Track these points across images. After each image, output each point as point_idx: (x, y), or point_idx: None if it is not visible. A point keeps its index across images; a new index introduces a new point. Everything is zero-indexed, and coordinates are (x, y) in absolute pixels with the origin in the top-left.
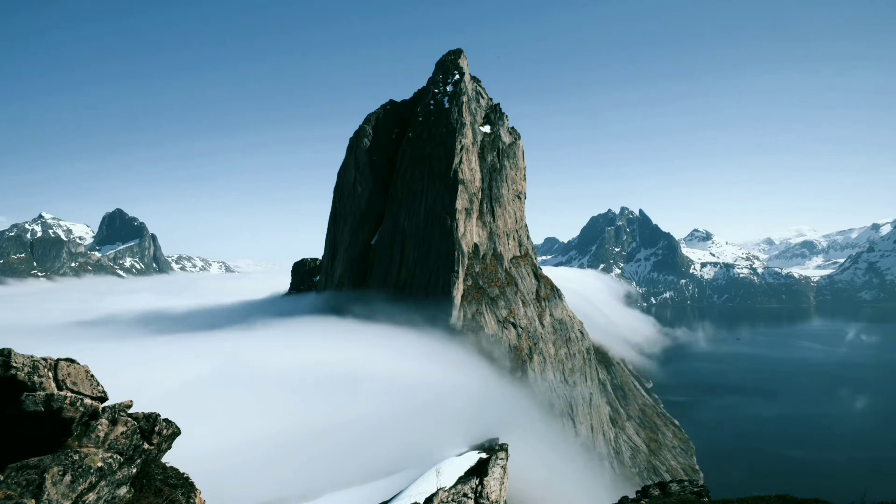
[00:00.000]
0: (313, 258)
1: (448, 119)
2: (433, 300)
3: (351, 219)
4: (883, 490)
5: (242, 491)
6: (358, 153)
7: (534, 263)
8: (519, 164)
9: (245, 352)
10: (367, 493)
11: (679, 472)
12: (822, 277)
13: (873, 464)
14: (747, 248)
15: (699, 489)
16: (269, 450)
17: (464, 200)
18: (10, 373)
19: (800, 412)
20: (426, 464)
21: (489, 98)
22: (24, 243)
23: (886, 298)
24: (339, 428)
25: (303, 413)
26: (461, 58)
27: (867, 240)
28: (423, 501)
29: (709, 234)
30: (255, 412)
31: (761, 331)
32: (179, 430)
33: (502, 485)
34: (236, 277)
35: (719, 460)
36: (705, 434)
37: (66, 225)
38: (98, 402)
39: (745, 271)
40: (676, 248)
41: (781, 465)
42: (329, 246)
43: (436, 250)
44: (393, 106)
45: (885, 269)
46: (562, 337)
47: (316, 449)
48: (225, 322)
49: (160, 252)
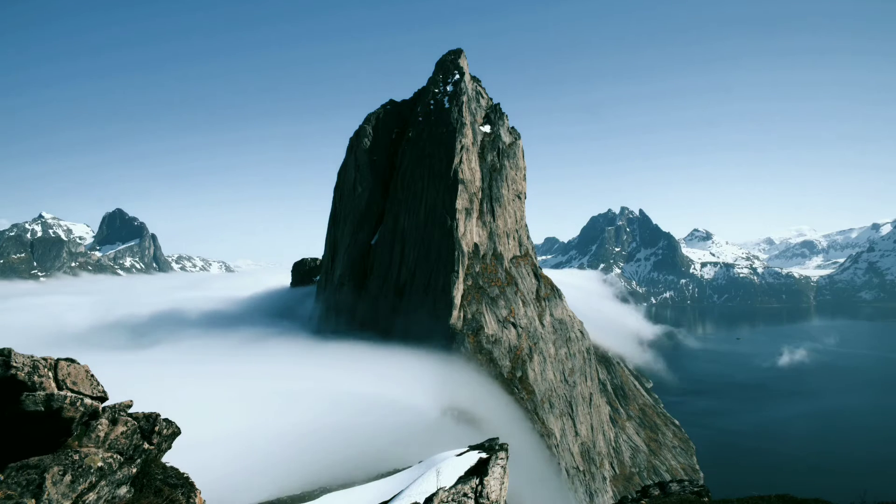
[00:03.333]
0: (313, 258)
1: (448, 119)
2: (433, 300)
3: (351, 219)
4: (883, 490)
5: (242, 491)
6: (358, 153)
7: (534, 263)
8: (519, 164)
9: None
10: (367, 493)
11: (679, 472)
12: (822, 277)
13: (873, 463)
14: (747, 248)
15: (699, 489)
16: (268, 450)
17: (464, 200)
18: (10, 373)
19: (800, 412)
20: (426, 464)
21: (489, 98)
22: (24, 243)
23: (886, 298)
24: (339, 428)
25: (303, 413)
26: (461, 58)
27: (867, 240)
28: (423, 501)
29: (709, 234)
30: (255, 412)
31: (761, 330)
32: (179, 430)
33: (502, 485)
34: (238, 277)
35: (719, 460)
36: (705, 434)
37: (66, 225)
38: (98, 401)
39: (746, 271)
40: (676, 248)
41: (781, 464)
42: (329, 246)
43: (436, 250)
44: (393, 106)
45: (885, 269)
46: (562, 337)
47: (315, 449)
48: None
49: (160, 252)
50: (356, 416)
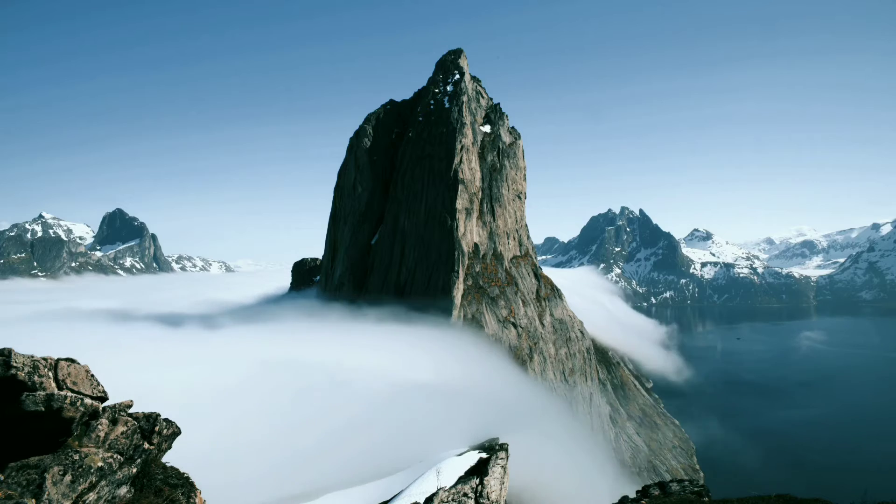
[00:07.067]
0: (313, 258)
1: (448, 119)
2: (433, 300)
3: (351, 219)
4: (883, 489)
5: (242, 491)
6: (358, 153)
7: (534, 263)
8: (519, 164)
9: (246, 350)
10: (367, 493)
11: (679, 472)
12: (822, 277)
13: (874, 463)
14: (747, 248)
15: (699, 489)
16: (268, 450)
17: (464, 200)
18: (10, 372)
19: (800, 411)
20: (426, 464)
21: (489, 98)
22: (24, 243)
23: (887, 298)
24: (338, 428)
25: (302, 413)
26: (461, 57)
27: (867, 239)
28: (423, 501)
29: (709, 234)
30: (254, 412)
31: (761, 330)
32: (180, 430)
33: (503, 484)
34: (238, 277)
35: (719, 460)
36: (705, 434)
37: (67, 225)
38: (98, 401)
39: (746, 271)
40: (676, 248)
41: (782, 464)
42: (329, 246)
43: (436, 250)
44: (393, 106)
45: (885, 269)
46: (562, 337)
47: (315, 449)
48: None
49: (160, 252)
50: (357, 414)
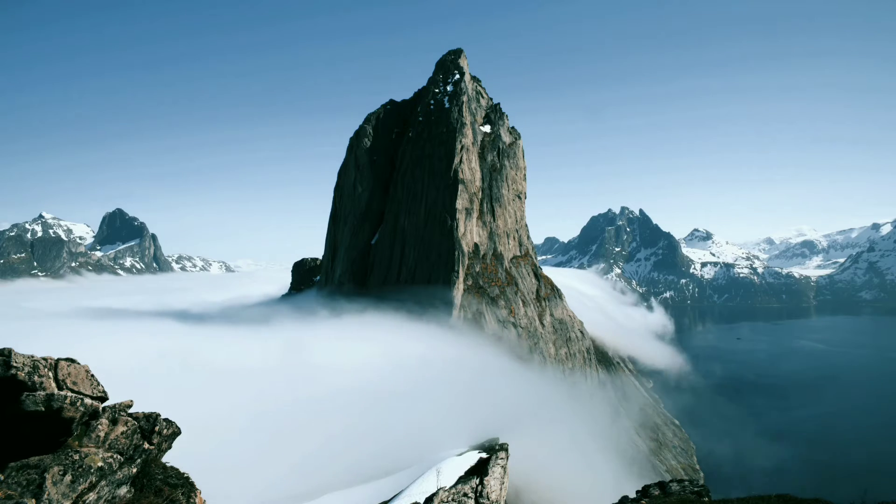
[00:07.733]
0: (313, 258)
1: (448, 119)
2: (433, 300)
3: (351, 218)
4: (883, 490)
5: (242, 491)
6: (358, 153)
7: (534, 263)
8: (519, 164)
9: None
10: (367, 493)
11: (679, 472)
12: (822, 277)
13: (874, 463)
14: (747, 248)
15: (699, 489)
16: (268, 449)
17: (464, 200)
18: (10, 373)
19: (800, 411)
20: (426, 464)
21: (489, 98)
22: (24, 243)
23: (887, 298)
24: (338, 428)
25: (302, 414)
26: (461, 57)
27: (867, 239)
28: (423, 501)
29: (709, 234)
30: (254, 412)
31: (761, 330)
32: (180, 430)
33: (503, 484)
34: (238, 277)
35: (719, 460)
36: (705, 434)
37: (67, 225)
38: (98, 401)
39: (746, 271)
40: (676, 248)
41: (781, 464)
42: (329, 245)
43: (436, 250)
44: (393, 106)
45: (885, 269)
46: (562, 336)
47: (316, 449)
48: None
49: (160, 252)
50: (357, 415)
